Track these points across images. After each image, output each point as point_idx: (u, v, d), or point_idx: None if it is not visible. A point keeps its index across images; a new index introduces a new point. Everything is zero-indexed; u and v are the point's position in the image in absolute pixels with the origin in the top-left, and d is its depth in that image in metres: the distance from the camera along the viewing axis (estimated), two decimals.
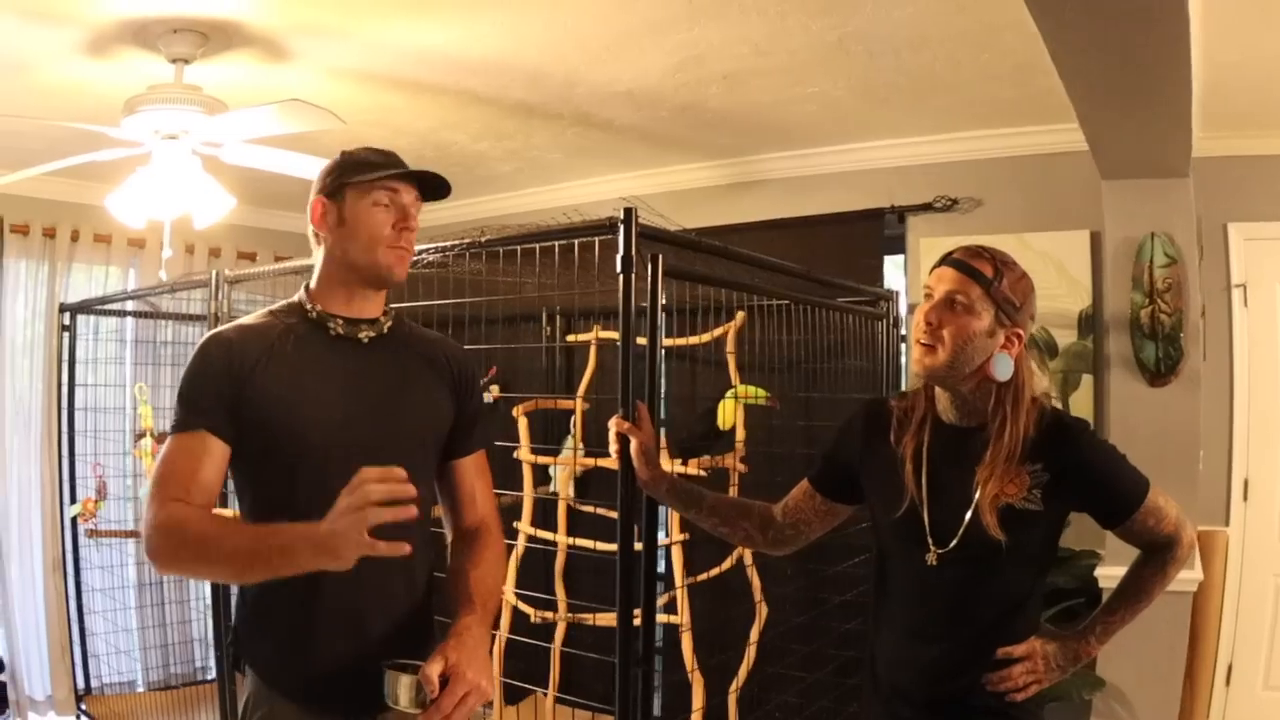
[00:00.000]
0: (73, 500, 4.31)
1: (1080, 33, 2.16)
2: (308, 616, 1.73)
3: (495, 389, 4.76)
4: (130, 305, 4.58)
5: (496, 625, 3.66)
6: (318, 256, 1.88)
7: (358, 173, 1.82)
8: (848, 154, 4.17)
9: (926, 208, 4.01)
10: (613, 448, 2.29)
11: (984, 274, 1.84)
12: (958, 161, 3.98)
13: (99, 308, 4.49)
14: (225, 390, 1.72)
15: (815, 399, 3.56)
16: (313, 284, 1.88)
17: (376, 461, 1.72)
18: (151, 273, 4.63)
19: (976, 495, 1.82)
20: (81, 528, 4.24)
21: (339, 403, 1.79)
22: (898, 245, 4.17)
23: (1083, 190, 3.50)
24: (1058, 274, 3.73)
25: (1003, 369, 1.84)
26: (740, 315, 3.63)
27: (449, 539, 2.01)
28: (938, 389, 1.94)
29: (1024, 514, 1.80)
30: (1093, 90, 2.54)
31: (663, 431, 4.33)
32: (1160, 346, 3.23)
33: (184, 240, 4.97)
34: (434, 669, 1.60)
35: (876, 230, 4.14)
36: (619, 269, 2.26)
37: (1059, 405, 3.66)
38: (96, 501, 4.07)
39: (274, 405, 1.73)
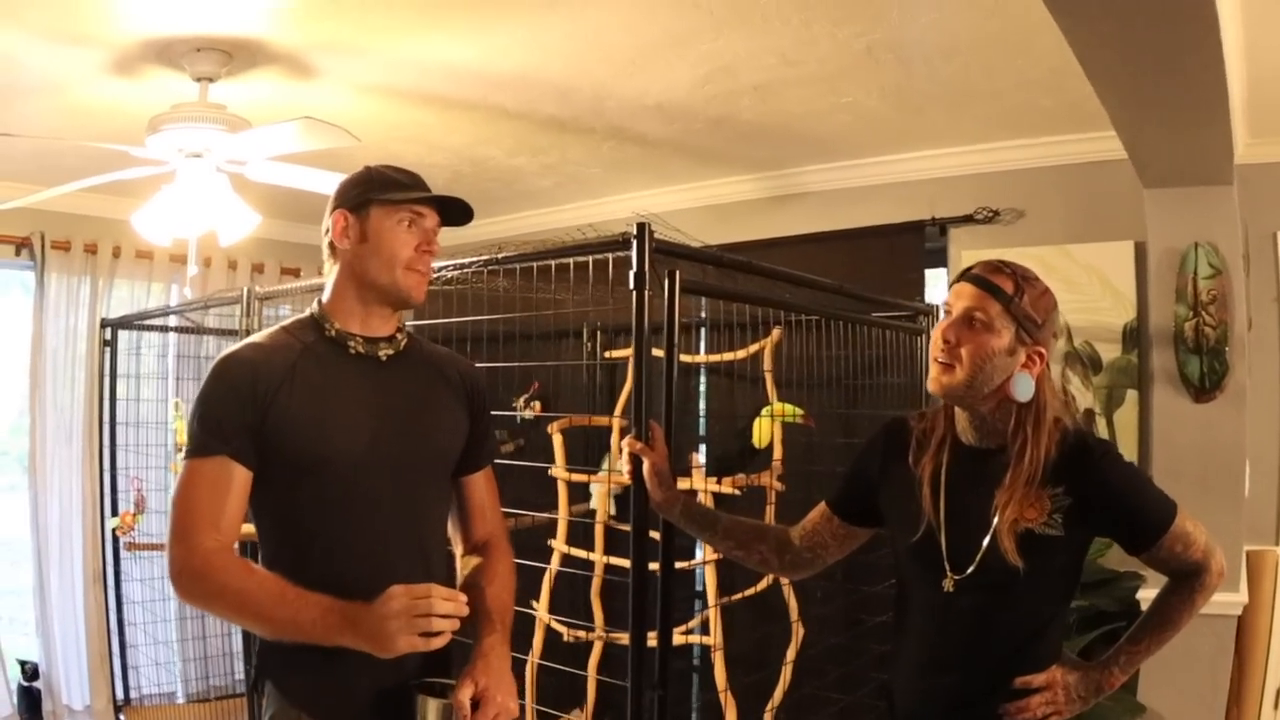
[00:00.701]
0: (114, 513, 4.37)
1: (1103, 33, 2.08)
2: None
3: (536, 405, 4.74)
4: (173, 320, 4.63)
5: (526, 648, 3.65)
6: (331, 271, 1.86)
7: (385, 190, 1.80)
8: (886, 165, 4.09)
9: (968, 219, 3.92)
10: (625, 468, 2.26)
11: (1004, 290, 1.78)
12: (998, 172, 3.88)
13: (139, 323, 4.55)
14: (248, 414, 1.69)
15: (855, 416, 3.50)
16: (326, 299, 1.86)
17: (402, 483, 1.78)
18: (194, 288, 4.69)
19: (995, 520, 1.75)
20: (121, 540, 4.29)
21: (365, 424, 1.77)
22: (940, 258, 4.08)
23: (1126, 200, 3.40)
24: (1102, 286, 3.62)
25: (1023, 389, 1.77)
26: (777, 331, 3.57)
27: (457, 553, 2.00)
28: (957, 409, 1.88)
29: (1044, 539, 1.73)
30: (1123, 94, 2.45)
31: (703, 449, 4.31)
32: (1205, 361, 3.11)
33: (227, 256, 5.04)
34: (465, 694, 1.63)
35: (917, 243, 4.05)
36: (631, 285, 2.22)
37: (1103, 422, 3.59)
38: (135, 515, 4.11)
39: (299, 428, 1.71)
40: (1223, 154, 2.89)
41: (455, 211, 1.87)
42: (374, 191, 1.80)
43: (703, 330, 3.97)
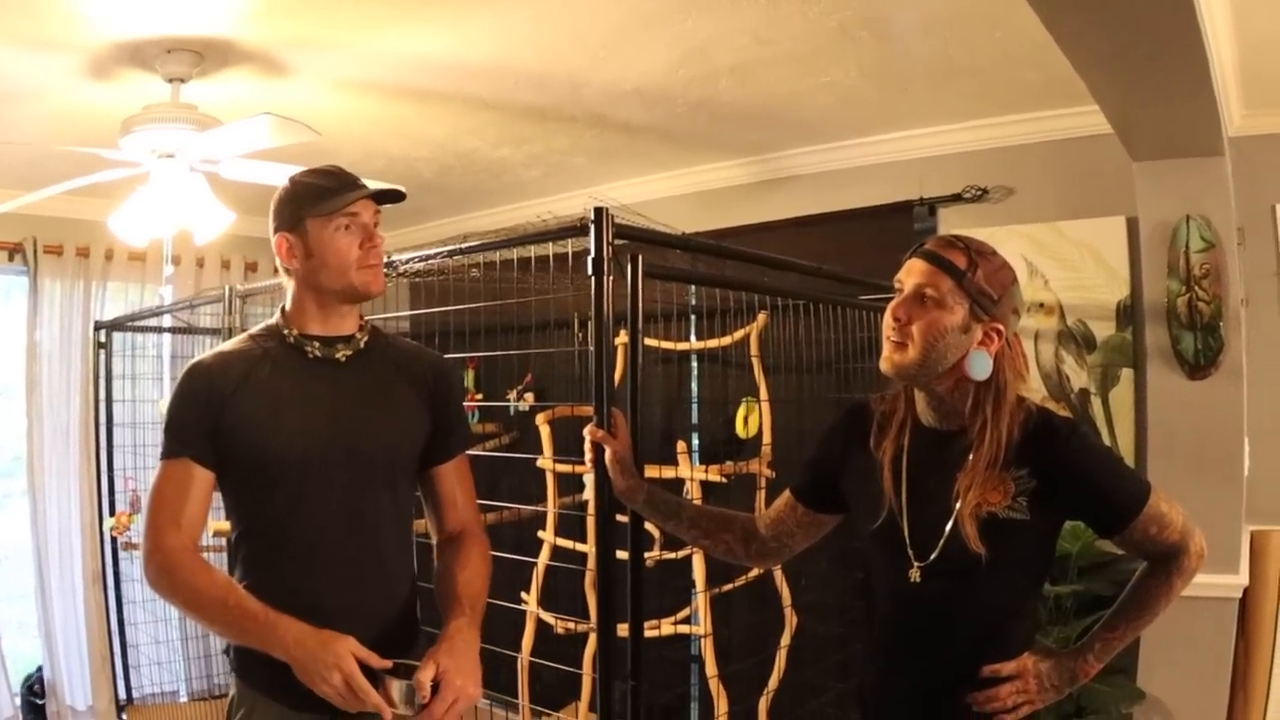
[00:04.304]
0: (111, 514, 4.38)
1: (1073, 5, 2.02)
2: None
3: (530, 396, 4.72)
4: (167, 321, 4.64)
5: (518, 641, 3.63)
6: (288, 284, 1.93)
7: (314, 203, 1.85)
8: (872, 146, 4.02)
9: (956, 199, 3.84)
10: (588, 457, 2.24)
11: (955, 265, 1.73)
12: (986, 150, 3.80)
13: (132, 325, 4.56)
14: (205, 419, 1.80)
15: (847, 401, 3.44)
16: (288, 306, 1.93)
17: (355, 483, 1.84)
18: (186, 289, 4.70)
19: (957, 505, 1.70)
20: (118, 541, 4.30)
21: (315, 425, 1.84)
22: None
23: (1117, 174, 3.31)
24: (1094, 263, 3.54)
25: (979, 367, 1.72)
26: (762, 316, 3.53)
27: (434, 543, 2.04)
28: (916, 390, 1.84)
29: (1008, 524, 1.67)
30: (1099, 65, 2.39)
31: (695, 437, 4.28)
32: (1199, 337, 3.04)
33: (220, 256, 5.06)
34: (426, 674, 1.67)
35: (906, 224, 3.97)
36: (590, 271, 2.19)
37: (1099, 402, 3.52)
38: (130, 515, 4.13)
39: (250, 430, 1.80)
40: (1210, 124, 2.81)
41: (389, 192, 1.93)
42: (304, 207, 1.86)
43: (692, 317, 3.93)
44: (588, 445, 2.23)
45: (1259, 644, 3.27)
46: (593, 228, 2.18)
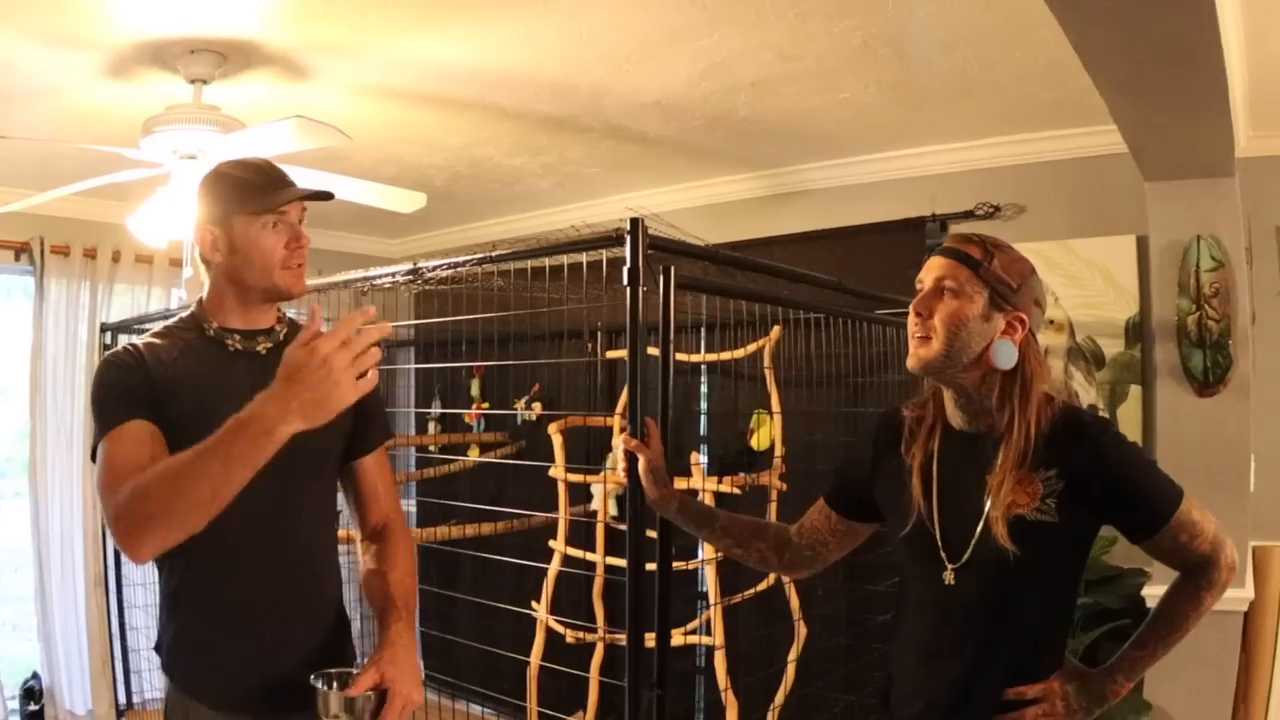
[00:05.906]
0: None
1: (1101, 25, 2.05)
2: (214, 622, 1.75)
3: (538, 406, 4.74)
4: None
5: (528, 649, 3.62)
6: (206, 276, 1.88)
7: (243, 201, 1.80)
8: (886, 162, 4.07)
9: (968, 215, 3.89)
10: (620, 466, 2.24)
11: (972, 256, 1.73)
12: (999, 167, 3.85)
13: (139, 327, 4.54)
14: (143, 390, 1.71)
15: (858, 415, 3.48)
16: (206, 299, 1.88)
17: (280, 478, 1.72)
18: (195, 292, 4.67)
19: (988, 505, 1.70)
20: None
21: None
22: None
23: (1128, 194, 3.37)
24: (1104, 281, 3.59)
25: (1004, 355, 1.70)
26: (776, 329, 3.55)
27: (357, 538, 2.03)
28: (945, 392, 1.83)
29: (1037, 526, 1.65)
30: (1122, 86, 2.43)
31: (705, 449, 4.30)
32: (1208, 354, 3.08)
33: None
34: (367, 680, 1.65)
35: (918, 240, 4.00)
36: (625, 281, 2.19)
37: (1106, 417, 3.56)
38: None
39: (172, 424, 1.71)
40: (1224, 145, 2.86)
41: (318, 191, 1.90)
42: (233, 202, 1.81)
43: (702, 329, 3.95)
44: (620, 454, 2.23)
45: (1260, 659, 3.31)
46: (628, 238, 2.19)
